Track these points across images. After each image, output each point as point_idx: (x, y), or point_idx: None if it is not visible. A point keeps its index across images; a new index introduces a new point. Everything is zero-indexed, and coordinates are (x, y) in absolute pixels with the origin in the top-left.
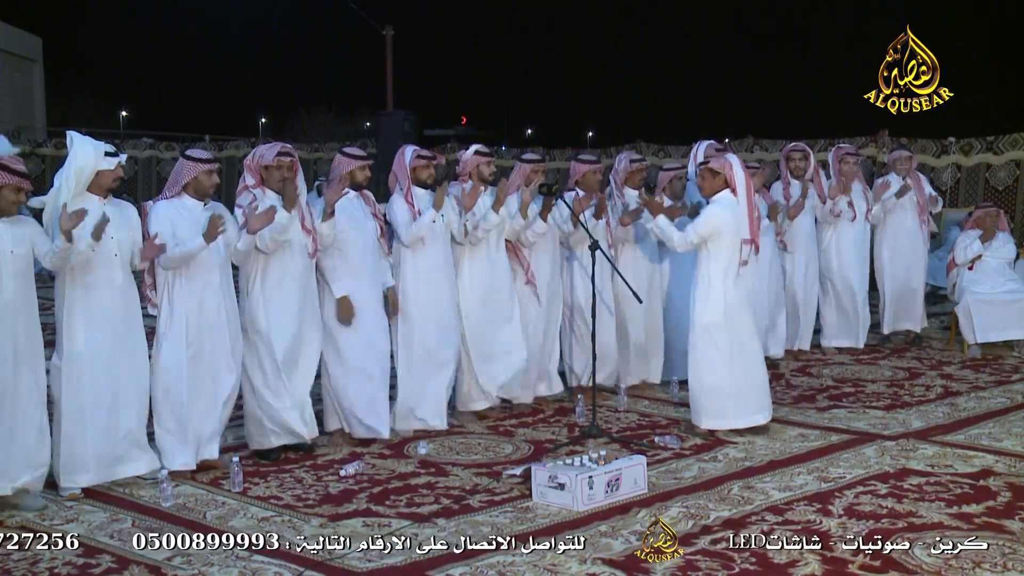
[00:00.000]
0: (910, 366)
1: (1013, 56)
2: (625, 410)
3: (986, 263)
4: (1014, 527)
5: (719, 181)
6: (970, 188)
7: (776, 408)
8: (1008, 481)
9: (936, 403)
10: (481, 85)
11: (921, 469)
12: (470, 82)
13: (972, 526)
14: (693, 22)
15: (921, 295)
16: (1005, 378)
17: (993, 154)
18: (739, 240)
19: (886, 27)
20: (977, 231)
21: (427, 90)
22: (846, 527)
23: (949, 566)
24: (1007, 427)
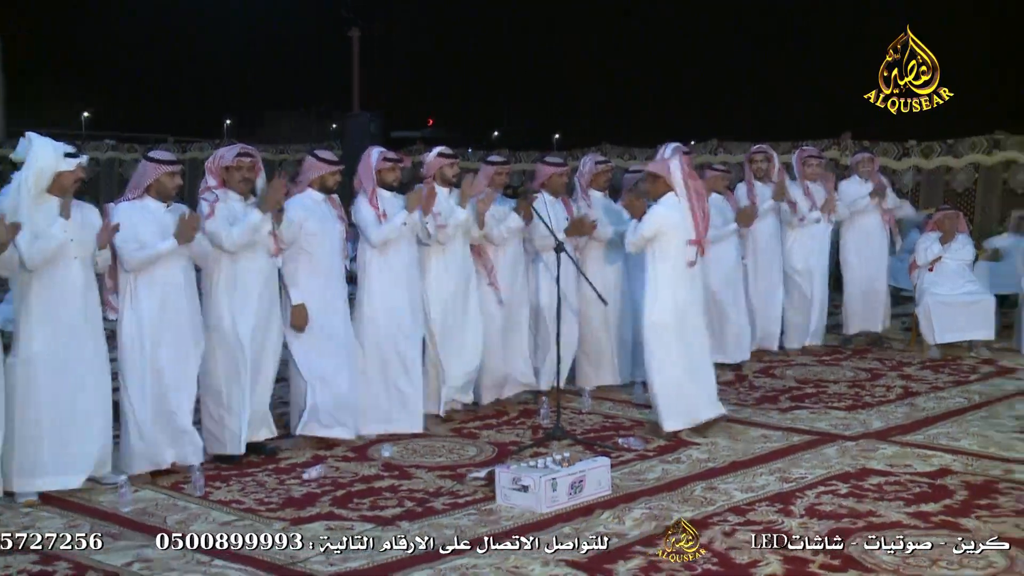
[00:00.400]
0: (871, 367)
1: (1013, 56)
2: (589, 412)
3: (946, 265)
4: (970, 525)
5: (661, 184)
6: (930, 191)
7: (739, 409)
8: (965, 480)
9: (896, 403)
10: (448, 87)
11: (881, 469)
12: (438, 84)
13: (930, 524)
14: (691, 22)
15: (884, 296)
16: (963, 378)
17: (953, 157)
18: (685, 241)
19: (886, 27)
20: (937, 233)
21: (394, 92)
22: (807, 527)
23: (907, 564)
24: (964, 427)
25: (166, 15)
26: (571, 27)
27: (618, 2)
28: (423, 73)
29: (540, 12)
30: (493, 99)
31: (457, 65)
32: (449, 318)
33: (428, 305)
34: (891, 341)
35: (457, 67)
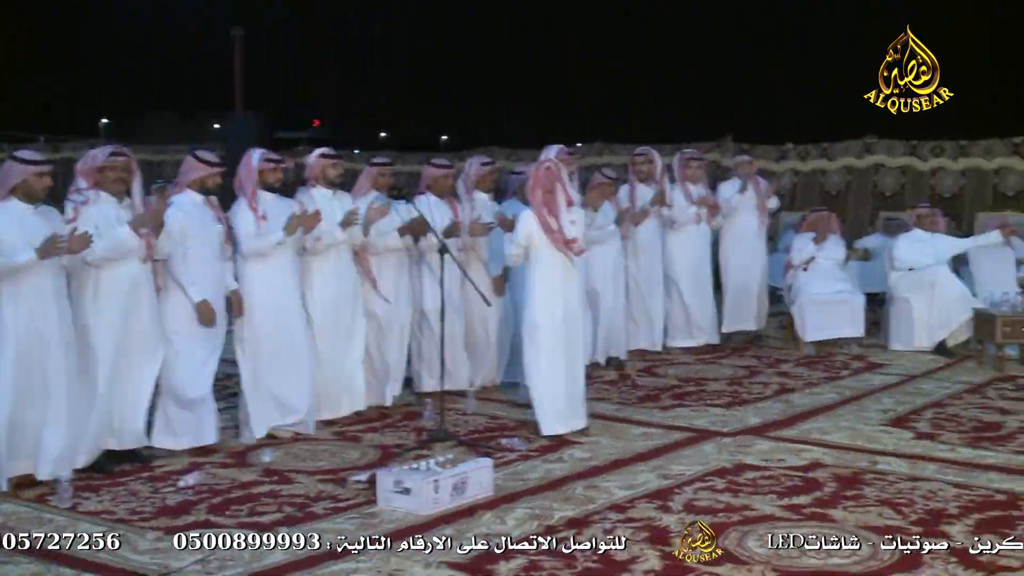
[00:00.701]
0: (749, 364)
1: (1013, 56)
2: (474, 413)
3: (819, 264)
4: (838, 516)
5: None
6: (806, 192)
7: (621, 408)
8: (834, 472)
9: (772, 400)
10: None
11: (756, 464)
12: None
13: (801, 516)
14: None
15: (760, 295)
16: (835, 374)
17: (827, 160)
18: (555, 240)
19: (886, 27)
20: (811, 234)
21: (280, 92)
22: (684, 522)
23: (779, 556)
24: (835, 421)
25: (36, 8)
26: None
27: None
28: (310, 73)
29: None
30: (381, 101)
31: (344, 65)
32: (331, 323)
33: (310, 310)
34: (768, 339)
35: (344, 67)
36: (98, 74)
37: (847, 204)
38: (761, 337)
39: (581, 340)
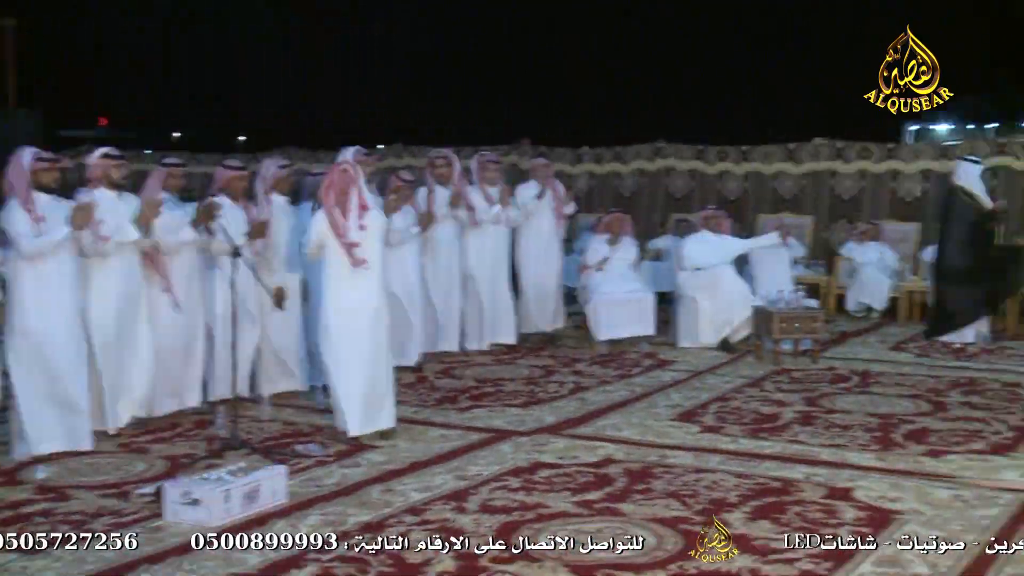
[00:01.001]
0: (546, 364)
1: (1013, 56)
2: (269, 420)
3: (613, 265)
4: (627, 509)
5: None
6: (601, 194)
7: (419, 410)
8: (626, 467)
9: (567, 398)
10: (124, 84)
11: (551, 462)
12: (112, 81)
13: (592, 512)
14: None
15: (557, 296)
16: (627, 372)
17: (621, 164)
18: (342, 243)
19: (886, 27)
20: (606, 235)
21: (61, 88)
22: (479, 522)
23: (570, 551)
24: (627, 417)
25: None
26: (263, 20)
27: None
28: (95, 68)
29: (238, 7)
30: (173, 99)
31: (135, 60)
32: (114, 330)
33: (90, 318)
34: (564, 339)
35: (135, 62)
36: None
37: (640, 206)
38: (557, 337)
39: (383, 341)
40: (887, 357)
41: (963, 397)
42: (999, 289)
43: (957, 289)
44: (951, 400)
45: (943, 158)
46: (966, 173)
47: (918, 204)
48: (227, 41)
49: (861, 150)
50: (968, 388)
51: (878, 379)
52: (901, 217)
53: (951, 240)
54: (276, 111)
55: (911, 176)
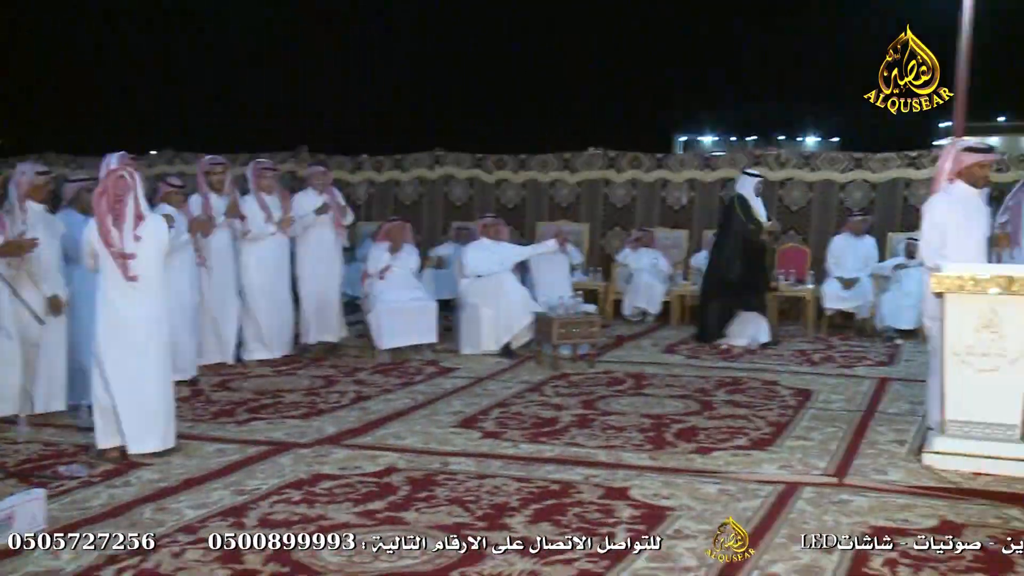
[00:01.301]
0: (327, 374)
1: (1013, 56)
2: (26, 441)
3: (395, 273)
4: (410, 518)
5: None
6: (381, 202)
7: (195, 425)
8: (408, 476)
9: (349, 408)
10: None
11: (333, 473)
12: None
13: (375, 522)
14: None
15: (338, 306)
16: (410, 380)
17: (401, 171)
18: (113, 254)
19: (886, 27)
20: (386, 243)
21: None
22: (259, 537)
23: (352, 562)
24: (410, 425)
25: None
26: (36, 26)
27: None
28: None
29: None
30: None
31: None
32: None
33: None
34: (346, 348)
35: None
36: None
37: (421, 214)
38: (339, 347)
39: (160, 357)
40: (660, 360)
41: (728, 396)
42: (753, 304)
43: (725, 298)
44: (717, 399)
45: (707, 168)
46: (744, 184)
47: (686, 212)
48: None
49: (632, 160)
50: (732, 387)
51: (651, 381)
52: (671, 224)
53: (724, 251)
54: (35, 112)
55: (679, 185)
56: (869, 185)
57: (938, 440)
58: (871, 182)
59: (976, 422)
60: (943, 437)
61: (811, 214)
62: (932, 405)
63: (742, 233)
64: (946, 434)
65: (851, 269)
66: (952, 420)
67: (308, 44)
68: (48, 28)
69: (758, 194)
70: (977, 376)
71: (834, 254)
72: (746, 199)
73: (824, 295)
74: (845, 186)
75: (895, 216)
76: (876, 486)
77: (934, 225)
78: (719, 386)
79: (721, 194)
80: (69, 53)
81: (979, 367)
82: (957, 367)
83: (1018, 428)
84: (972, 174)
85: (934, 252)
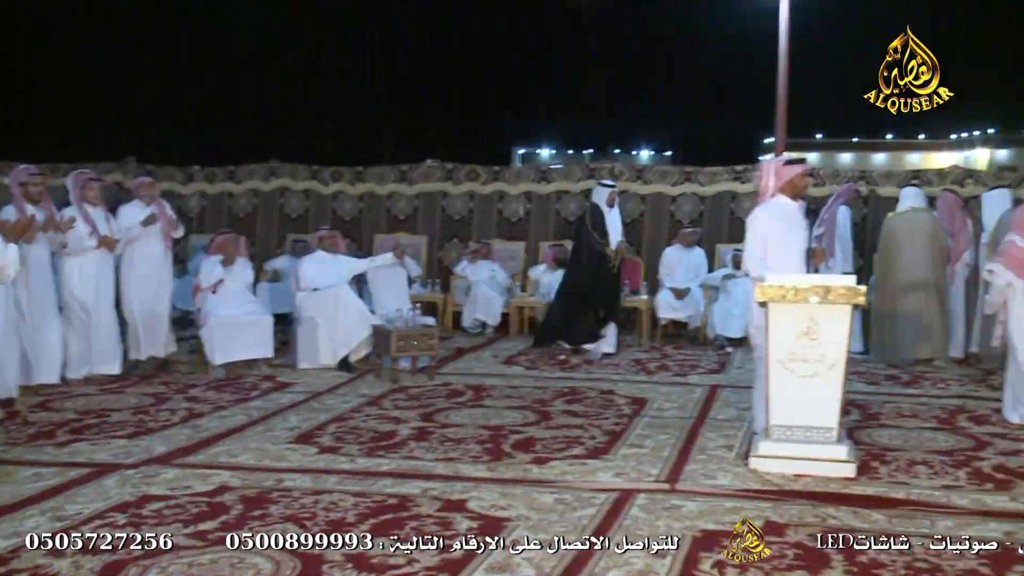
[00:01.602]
0: (157, 391)
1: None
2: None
3: (229, 287)
4: (244, 536)
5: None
6: (215, 214)
7: (8, 449)
8: (241, 494)
9: (180, 426)
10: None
11: (161, 494)
12: None
13: (207, 542)
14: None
15: (167, 320)
16: (245, 396)
17: (234, 183)
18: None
19: (886, 27)
20: (219, 256)
21: None
22: (79, 565)
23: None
24: (244, 442)
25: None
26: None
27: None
28: None
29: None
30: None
31: None
32: None
33: None
34: (178, 364)
35: None
36: None
37: (255, 226)
38: (170, 363)
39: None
40: (499, 371)
41: (566, 406)
42: (612, 313)
43: (574, 311)
44: (555, 409)
45: (543, 181)
46: (598, 195)
47: (522, 224)
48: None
49: (469, 172)
50: (571, 397)
51: (491, 392)
52: (508, 236)
53: (577, 265)
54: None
55: (515, 197)
56: (699, 198)
57: (763, 444)
58: (700, 195)
59: (797, 426)
60: (768, 441)
61: (644, 226)
62: (758, 411)
63: (591, 245)
64: (771, 438)
65: (682, 280)
66: (776, 424)
67: (137, 51)
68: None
69: (611, 204)
70: (799, 382)
71: (666, 265)
72: (599, 209)
73: (657, 305)
74: (676, 199)
75: (723, 228)
76: (706, 491)
77: (757, 236)
78: (557, 396)
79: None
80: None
81: (800, 373)
82: (780, 373)
83: (835, 431)
84: (795, 186)
85: (758, 263)
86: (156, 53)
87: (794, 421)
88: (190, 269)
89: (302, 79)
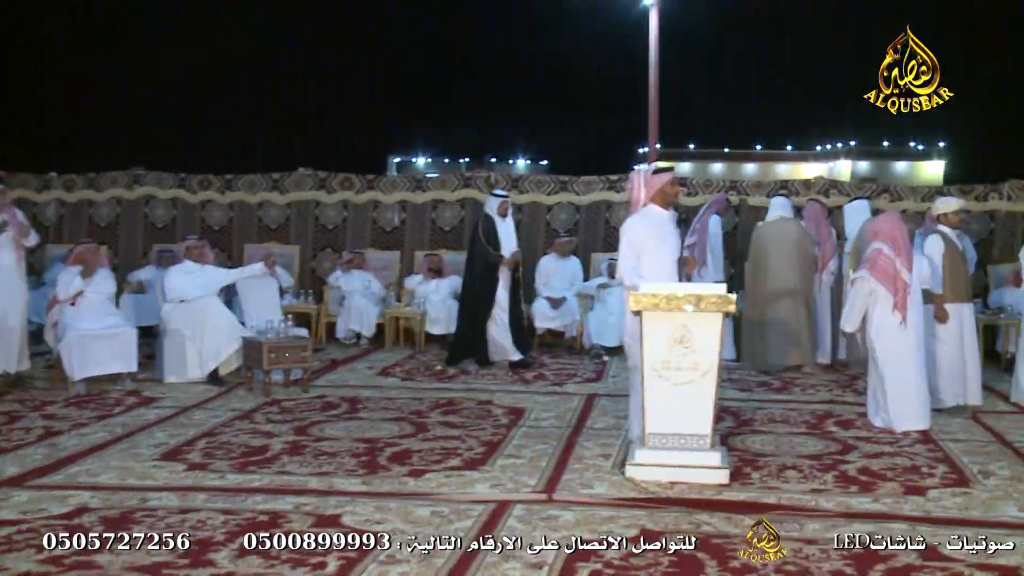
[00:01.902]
0: (10, 410)
1: (1014, 55)
2: None
3: (89, 299)
4: (104, 560)
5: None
6: (75, 223)
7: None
8: (102, 515)
9: (35, 445)
10: None
11: (12, 518)
12: None
13: (62, 568)
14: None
15: (21, 334)
16: (107, 412)
17: (95, 191)
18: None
19: (886, 27)
20: (78, 267)
21: None
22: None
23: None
24: (106, 461)
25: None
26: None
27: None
28: None
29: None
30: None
31: None
32: None
33: None
34: (33, 380)
35: None
36: None
37: (118, 236)
38: (24, 379)
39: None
40: (375, 382)
41: (443, 417)
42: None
43: (479, 328)
44: (432, 420)
45: (418, 190)
46: (490, 205)
47: (397, 233)
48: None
49: (343, 181)
50: (448, 408)
51: (366, 404)
52: (382, 246)
53: (471, 276)
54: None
55: (390, 206)
56: (574, 207)
57: (639, 452)
58: (576, 204)
59: (672, 433)
60: (644, 449)
61: (521, 234)
62: (634, 419)
63: (484, 256)
64: (646, 446)
65: (558, 289)
66: (652, 432)
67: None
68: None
69: (503, 214)
70: (673, 389)
71: (542, 274)
72: (491, 219)
73: (534, 314)
74: (552, 208)
75: (599, 237)
76: (582, 500)
77: (630, 246)
78: (434, 407)
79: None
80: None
81: (675, 381)
82: (655, 381)
83: (709, 437)
84: (665, 194)
85: (632, 272)
86: (12, 56)
87: (669, 429)
88: (47, 280)
89: (169, 83)
